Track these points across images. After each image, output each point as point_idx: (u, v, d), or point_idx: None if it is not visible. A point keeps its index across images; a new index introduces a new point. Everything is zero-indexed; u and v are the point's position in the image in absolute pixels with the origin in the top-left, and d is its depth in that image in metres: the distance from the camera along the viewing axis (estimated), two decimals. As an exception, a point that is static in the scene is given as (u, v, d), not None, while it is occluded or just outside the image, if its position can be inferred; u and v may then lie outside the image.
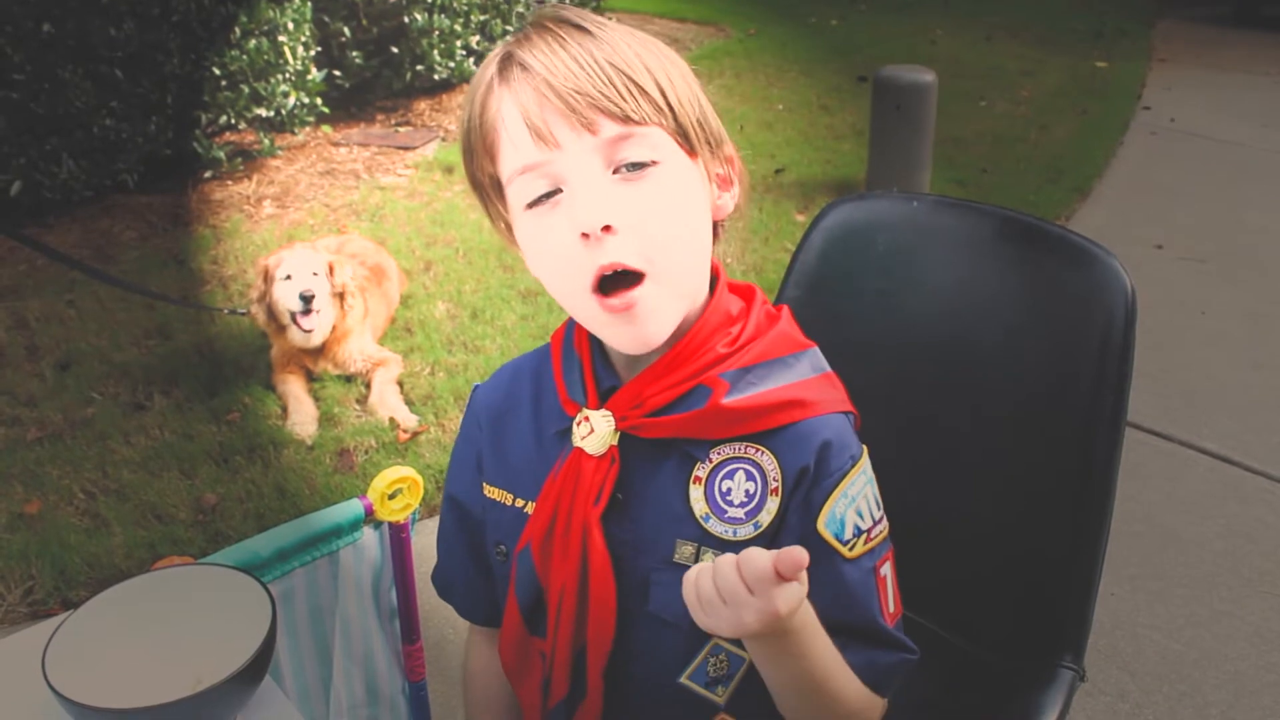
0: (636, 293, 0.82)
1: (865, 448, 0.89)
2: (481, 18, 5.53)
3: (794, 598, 0.73)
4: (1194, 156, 4.98)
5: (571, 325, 0.95)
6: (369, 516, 1.16)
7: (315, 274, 2.84)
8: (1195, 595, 2.20)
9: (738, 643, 0.88)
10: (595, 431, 0.88)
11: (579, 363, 0.91)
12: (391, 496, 1.15)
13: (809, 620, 0.80)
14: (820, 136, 5.12)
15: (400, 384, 2.95)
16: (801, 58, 6.50)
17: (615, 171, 0.82)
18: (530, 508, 0.93)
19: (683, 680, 0.89)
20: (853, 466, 0.86)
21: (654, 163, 0.82)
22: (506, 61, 0.84)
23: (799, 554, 0.71)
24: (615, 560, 0.87)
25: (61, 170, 3.99)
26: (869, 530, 0.87)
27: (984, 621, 1.11)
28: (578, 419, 0.90)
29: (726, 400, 0.85)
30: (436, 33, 5.23)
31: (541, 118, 0.80)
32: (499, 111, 0.83)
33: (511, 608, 0.94)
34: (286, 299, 2.83)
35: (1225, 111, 5.57)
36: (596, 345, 0.92)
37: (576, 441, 0.89)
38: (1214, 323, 3.38)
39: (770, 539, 0.85)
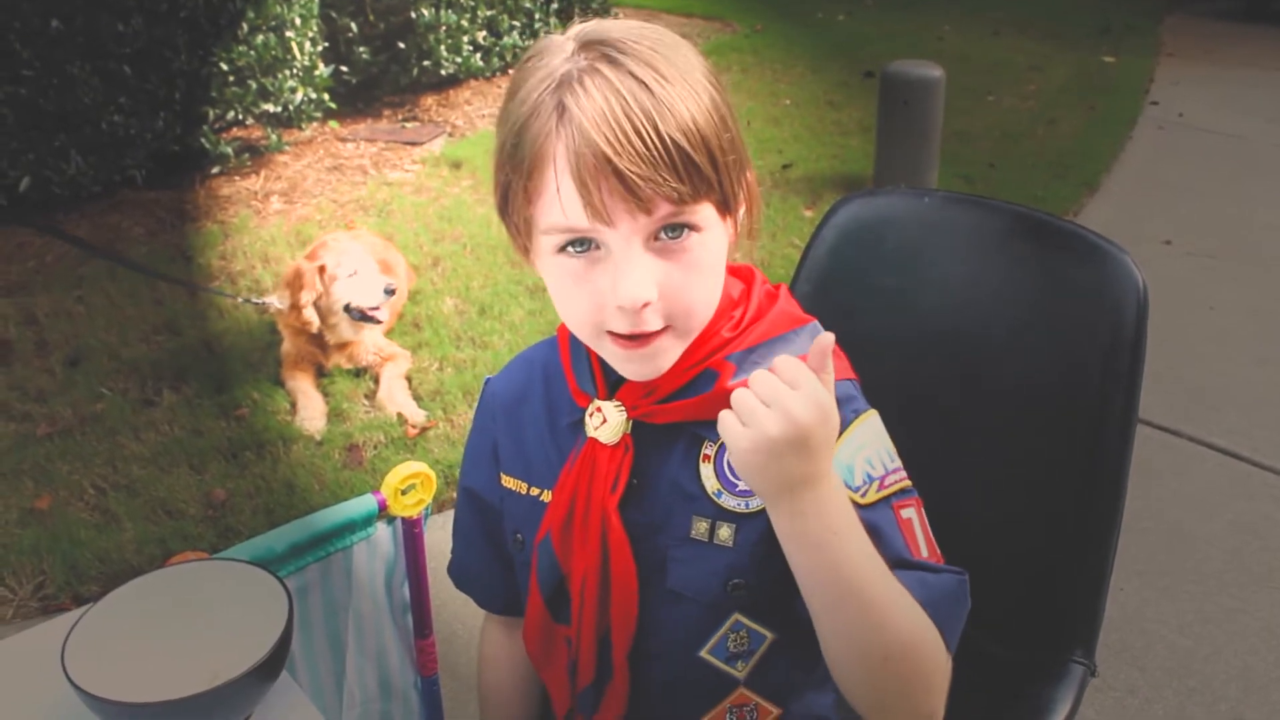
0: (656, 340, 0.82)
1: (875, 411, 0.89)
2: (488, 13, 5.52)
3: (831, 393, 0.75)
4: (1202, 152, 4.96)
5: None
6: (382, 512, 1.16)
7: (372, 267, 2.87)
8: (1204, 591, 2.20)
9: (759, 619, 0.89)
10: (608, 421, 0.89)
11: (586, 355, 0.92)
12: (404, 492, 1.16)
13: (848, 509, 0.78)
14: (827, 132, 5.11)
15: (408, 379, 2.96)
16: (808, 53, 6.48)
17: (655, 239, 0.80)
18: (546, 496, 0.95)
19: (702, 654, 0.91)
20: (856, 419, 0.86)
21: (693, 229, 0.81)
22: (562, 114, 0.78)
23: (825, 337, 0.75)
24: (633, 542, 0.89)
25: (70, 166, 3.99)
26: (882, 479, 0.85)
27: (995, 617, 1.10)
28: (590, 410, 0.91)
29: (733, 383, 0.86)
30: (443, 28, 5.22)
31: (599, 195, 0.77)
32: (552, 168, 0.78)
33: (534, 596, 0.96)
34: (358, 295, 2.83)
35: (1233, 107, 5.55)
36: None
37: (590, 432, 0.90)
38: (1222, 318, 3.38)
39: None
